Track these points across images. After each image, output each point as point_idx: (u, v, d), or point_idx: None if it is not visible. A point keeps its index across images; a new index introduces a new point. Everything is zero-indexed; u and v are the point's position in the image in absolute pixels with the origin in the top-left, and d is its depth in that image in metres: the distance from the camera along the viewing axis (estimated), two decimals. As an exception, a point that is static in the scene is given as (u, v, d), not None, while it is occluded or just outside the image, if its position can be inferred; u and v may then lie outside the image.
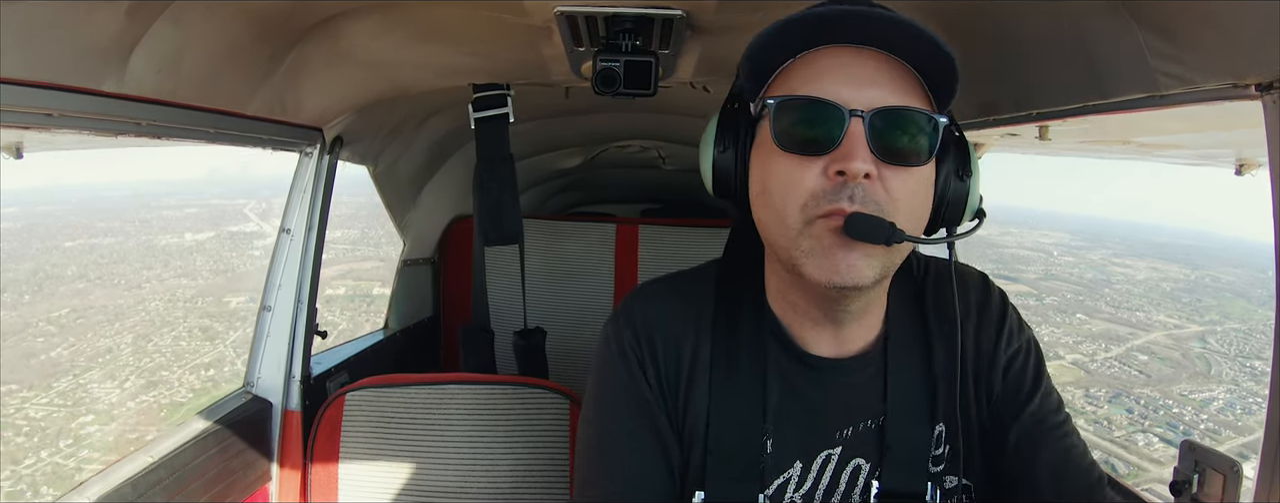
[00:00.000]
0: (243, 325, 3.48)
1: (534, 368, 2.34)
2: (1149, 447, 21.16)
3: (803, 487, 1.05)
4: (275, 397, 2.07)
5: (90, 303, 25.88)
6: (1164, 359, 23.63)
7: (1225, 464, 1.11)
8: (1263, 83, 0.91)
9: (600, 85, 1.63)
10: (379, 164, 2.58)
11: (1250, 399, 21.38)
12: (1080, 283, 28.48)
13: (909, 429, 1.05)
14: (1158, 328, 26.19)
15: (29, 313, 24.61)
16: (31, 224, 35.66)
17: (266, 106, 1.71)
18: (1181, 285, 29.24)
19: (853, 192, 0.90)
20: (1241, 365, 23.18)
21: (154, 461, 1.64)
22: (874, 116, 0.90)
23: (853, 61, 0.94)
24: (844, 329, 1.05)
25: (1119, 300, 28.07)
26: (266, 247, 2.11)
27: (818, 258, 0.92)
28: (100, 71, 1.20)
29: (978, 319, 1.10)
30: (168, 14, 1.23)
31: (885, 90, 0.92)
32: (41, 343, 22.05)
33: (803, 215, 0.92)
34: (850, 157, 0.89)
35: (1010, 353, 1.08)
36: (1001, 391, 1.07)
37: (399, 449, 1.89)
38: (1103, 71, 1.21)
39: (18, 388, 18.97)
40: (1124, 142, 1.76)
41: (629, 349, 1.08)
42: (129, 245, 32.83)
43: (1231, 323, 26.06)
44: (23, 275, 27.84)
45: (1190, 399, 20.80)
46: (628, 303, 1.14)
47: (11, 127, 1.12)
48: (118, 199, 48.63)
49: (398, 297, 3.15)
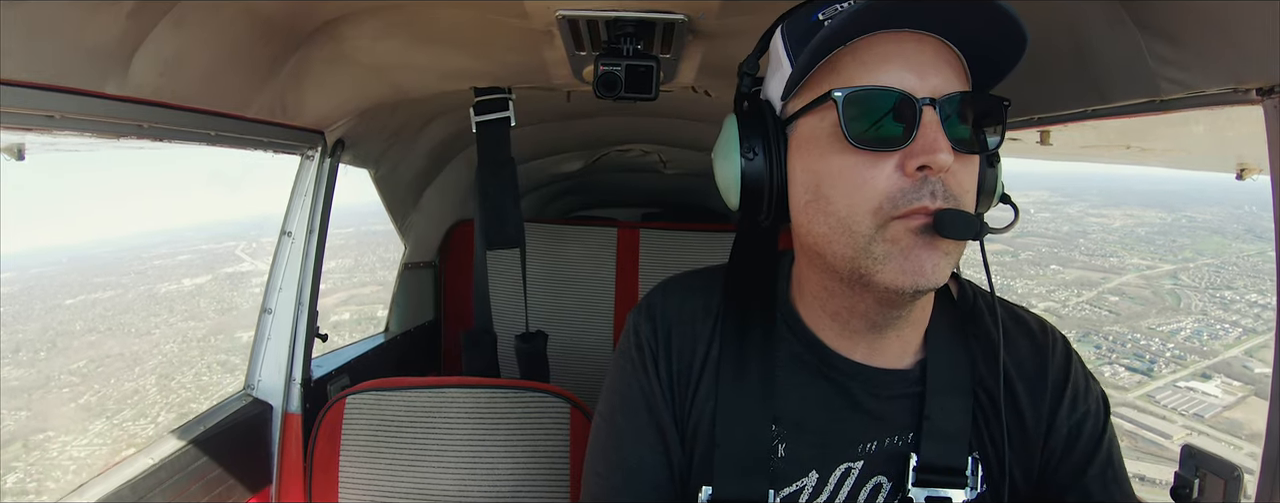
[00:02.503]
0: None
1: (535, 372, 2.33)
2: (1114, 377, 22.33)
3: (817, 499, 1.00)
4: (276, 400, 2.07)
5: (106, 352, 26.71)
6: (1134, 298, 24.26)
7: (1226, 469, 1.11)
8: (1264, 87, 0.91)
9: (601, 89, 1.63)
10: (380, 167, 2.59)
11: (1217, 325, 22.10)
12: (1056, 236, 28.75)
13: (942, 452, 0.98)
14: (1131, 271, 26.58)
15: (48, 368, 25.65)
16: (28, 287, 36.64)
17: (268, 109, 1.71)
18: (1156, 229, 29.54)
19: (934, 187, 0.83)
20: (1211, 296, 23.80)
21: (154, 463, 1.64)
22: (944, 104, 0.84)
23: (912, 47, 0.86)
24: (883, 340, 0.99)
25: (1093, 249, 28.48)
26: (263, 283, 2.14)
27: (898, 261, 0.85)
28: (102, 73, 1.20)
29: (1036, 375, 1.01)
30: (170, 16, 1.23)
31: (947, 76, 0.86)
32: (68, 393, 22.99)
33: (875, 219, 0.85)
34: (933, 149, 0.82)
35: (1074, 419, 1.00)
36: (1060, 454, 0.99)
37: (400, 453, 1.88)
38: (1104, 76, 1.21)
39: (55, 435, 20.13)
40: (1125, 146, 1.76)
41: (646, 342, 1.06)
42: (129, 297, 33.53)
43: (1204, 259, 26.34)
44: (33, 334, 29.00)
45: (1158, 331, 21.36)
46: (653, 294, 1.11)
47: (13, 128, 1.12)
48: (107, 256, 49.33)
49: (399, 300, 3.15)
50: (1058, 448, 0.99)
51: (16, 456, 19.01)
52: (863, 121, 0.85)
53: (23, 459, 18.87)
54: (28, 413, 22.24)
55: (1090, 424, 1.00)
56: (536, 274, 3.00)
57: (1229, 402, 19.83)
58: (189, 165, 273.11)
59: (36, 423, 21.19)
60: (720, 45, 1.69)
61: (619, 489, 1.04)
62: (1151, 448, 21.09)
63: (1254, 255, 24.34)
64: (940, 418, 0.98)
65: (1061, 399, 1.00)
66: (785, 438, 1.00)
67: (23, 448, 19.51)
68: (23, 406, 22.91)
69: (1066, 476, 0.99)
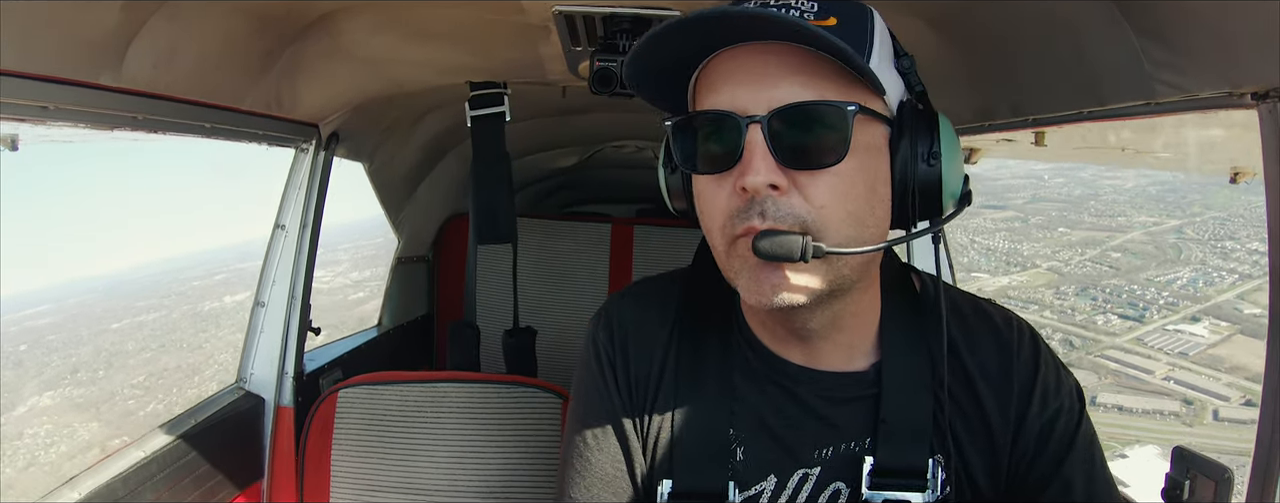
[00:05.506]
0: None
1: (522, 367, 2.33)
2: (1107, 324, 23.44)
3: (777, 502, 1.00)
4: (268, 393, 2.06)
5: (163, 367, 27.34)
6: (1135, 254, 24.79)
7: (1217, 471, 1.11)
8: (1259, 92, 0.91)
9: (597, 85, 1.62)
10: (375, 161, 2.58)
11: (1213, 274, 22.66)
12: (1067, 200, 29.03)
13: (900, 454, 0.96)
14: (1137, 228, 27.03)
15: (109, 385, 26.39)
16: (70, 318, 36.98)
17: (262, 102, 1.70)
18: (1167, 187, 29.69)
19: (763, 207, 0.82)
20: (1212, 247, 24.36)
21: (145, 456, 1.63)
22: (771, 119, 0.82)
23: (755, 60, 0.84)
24: (813, 346, 0.98)
25: (1102, 211, 28.70)
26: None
27: (747, 279, 0.86)
28: (97, 65, 1.20)
29: (1000, 375, 0.99)
30: (165, 9, 1.22)
31: (791, 86, 0.82)
32: (134, 404, 23.72)
33: (723, 237, 0.86)
34: (744, 170, 0.82)
35: (1047, 417, 0.97)
36: (1033, 453, 0.97)
37: (391, 447, 1.88)
38: (1099, 78, 1.21)
39: (129, 439, 19.87)
40: (1120, 149, 1.77)
41: (603, 351, 1.06)
42: (175, 316, 34.10)
43: (1211, 212, 26.68)
44: (87, 357, 29.65)
45: (1155, 282, 21.77)
46: (609, 303, 1.11)
47: (8, 119, 1.12)
48: (144, 280, 50.17)
49: (392, 294, 3.14)
50: (1029, 448, 0.98)
51: (96, 458, 19.34)
52: (690, 147, 0.88)
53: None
54: (98, 423, 22.90)
55: (1063, 421, 0.98)
56: (530, 270, 3.00)
57: (1216, 340, 20.14)
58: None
59: (109, 430, 21.96)
60: (717, 43, 1.69)
61: (585, 493, 1.05)
62: (1133, 383, 21.75)
63: (1259, 206, 24.66)
64: (897, 420, 0.97)
65: (1030, 399, 0.98)
66: (743, 441, 1.00)
67: (101, 452, 20.20)
68: (93, 417, 23.62)
69: (1042, 473, 0.97)
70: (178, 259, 73.23)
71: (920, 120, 0.88)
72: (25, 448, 21.44)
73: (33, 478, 19.56)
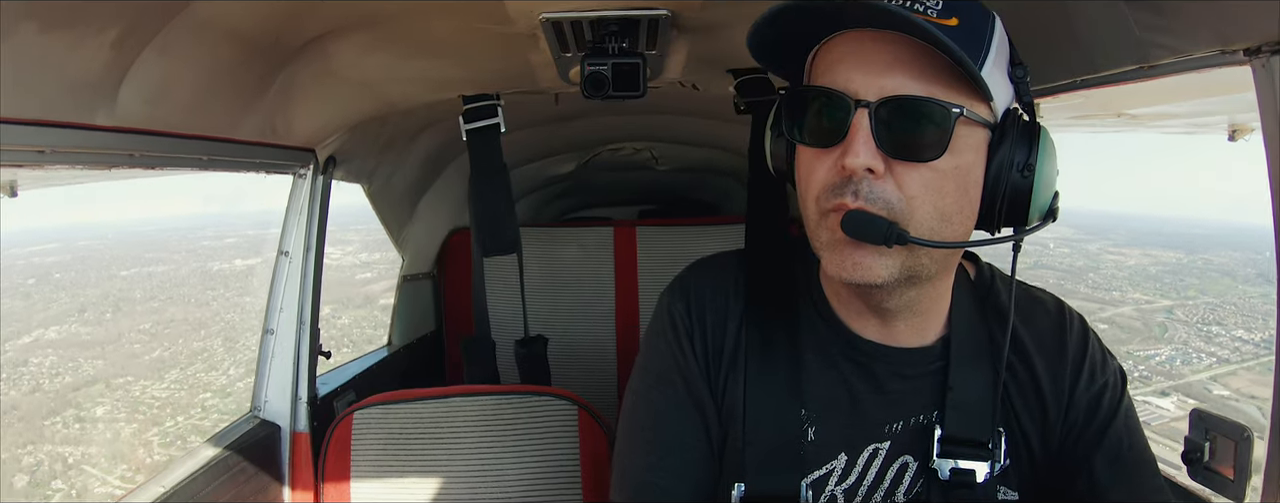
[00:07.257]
0: (324, 327, 3.64)
1: (536, 376, 2.33)
2: None
3: (846, 480, 1.03)
4: (283, 420, 2.06)
5: (170, 317, 27.85)
6: (1123, 327, 24.76)
7: (1236, 431, 1.11)
8: (1250, 47, 0.91)
9: (589, 89, 1.62)
10: (373, 181, 2.58)
11: (1194, 355, 22.40)
12: (1068, 270, 29.25)
13: (965, 424, 1.01)
14: (1129, 304, 27.02)
15: (116, 327, 26.78)
16: (79, 257, 36.95)
17: (257, 130, 1.70)
18: (1169, 268, 30.00)
19: (857, 187, 0.86)
20: (1197, 330, 24.37)
21: (164, 491, 1.63)
22: (879, 107, 0.85)
23: (870, 47, 0.88)
24: (889, 324, 1.02)
25: (1100, 283, 28.94)
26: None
27: (829, 252, 0.91)
28: (91, 105, 1.20)
29: (1055, 351, 1.05)
30: (154, 44, 1.22)
31: (903, 77, 0.86)
32: (140, 348, 24.42)
33: (816, 208, 0.91)
34: (847, 150, 0.86)
35: (1094, 391, 1.03)
36: (1081, 425, 1.02)
37: (409, 465, 1.88)
38: (1092, 46, 1.21)
39: (134, 379, 22.25)
40: (1116, 115, 1.76)
41: (680, 320, 1.09)
42: (183, 272, 34.19)
43: (1206, 298, 26.82)
44: (96, 298, 29.76)
45: (1134, 354, 21.87)
46: (684, 274, 1.14)
47: (6, 165, 1.12)
48: (153, 234, 50.09)
49: (399, 313, 3.14)
50: (1078, 420, 1.03)
51: (101, 393, 21.39)
52: (800, 118, 0.92)
53: (108, 397, 21.16)
54: (104, 362, 23.36)
55: (1109, 396, 1.03)
56: (536, 278, 2.99)
57: (1179, 415, 20.35)
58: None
59: (115, 369, 22.52)
60: (706, 39, 1.69)
61: (657, 468, 1.05)
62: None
63: (1255, 297, 24.75)
64: (962, 389, 1.02)
65: (1080, 372, 1.04)
66: (815, 421, 1.03)
67: (106, 387, 21.52)
68: (98, 355, 23.95)
69: (1088, 444, 1.02)
70: (184, 217, 73.07)
71: (1023, 130, 0.91)
72: (29, 375, 22.38)
73: (37, 402, 20.82)
